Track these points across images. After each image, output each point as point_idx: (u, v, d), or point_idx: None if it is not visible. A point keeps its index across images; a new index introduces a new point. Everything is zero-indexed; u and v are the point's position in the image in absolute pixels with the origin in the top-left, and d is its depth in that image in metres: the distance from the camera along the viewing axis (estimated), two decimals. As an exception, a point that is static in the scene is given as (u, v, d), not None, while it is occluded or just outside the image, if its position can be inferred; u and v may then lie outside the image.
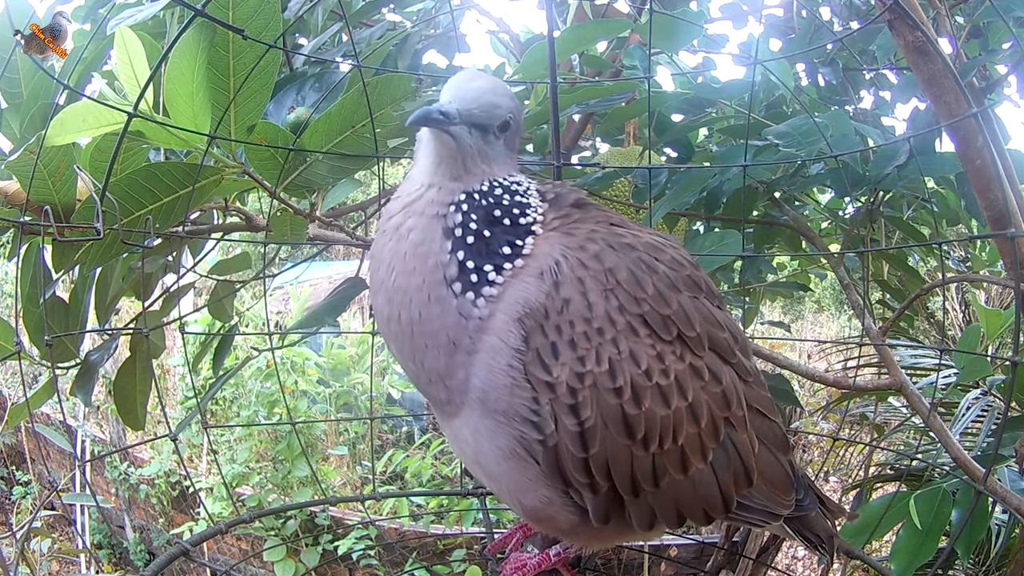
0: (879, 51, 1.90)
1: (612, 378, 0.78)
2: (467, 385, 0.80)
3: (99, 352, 1.52)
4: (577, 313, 0.78)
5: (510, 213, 0.82)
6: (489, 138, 0.84)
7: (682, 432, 0.81)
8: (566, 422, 0.78)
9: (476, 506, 3.76)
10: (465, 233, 0.80)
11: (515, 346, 0.77)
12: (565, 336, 0.77)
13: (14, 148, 1.43)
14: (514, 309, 0.78)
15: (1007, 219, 1.34)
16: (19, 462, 6.88)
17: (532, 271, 0.80)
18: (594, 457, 0.78)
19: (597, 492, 0.81)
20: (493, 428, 0.80)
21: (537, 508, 0.85)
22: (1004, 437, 1.47)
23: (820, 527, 1.01)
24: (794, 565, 5.08)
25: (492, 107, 0.82)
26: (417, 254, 0.80)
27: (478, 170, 0.83)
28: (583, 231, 0.84)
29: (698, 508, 0.86)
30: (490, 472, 0.85)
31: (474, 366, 0.79)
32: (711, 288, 0.91)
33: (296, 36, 1.96)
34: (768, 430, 0.93)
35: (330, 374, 5.60)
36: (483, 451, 0.83)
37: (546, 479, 0.81)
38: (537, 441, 0.79)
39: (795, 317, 8.81)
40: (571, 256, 0.80)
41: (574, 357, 0.77)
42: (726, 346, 0.88)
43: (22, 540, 1.89)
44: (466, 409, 0.82)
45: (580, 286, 0.79)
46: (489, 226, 0.81)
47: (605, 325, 0.78)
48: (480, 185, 0.83)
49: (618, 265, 0.81)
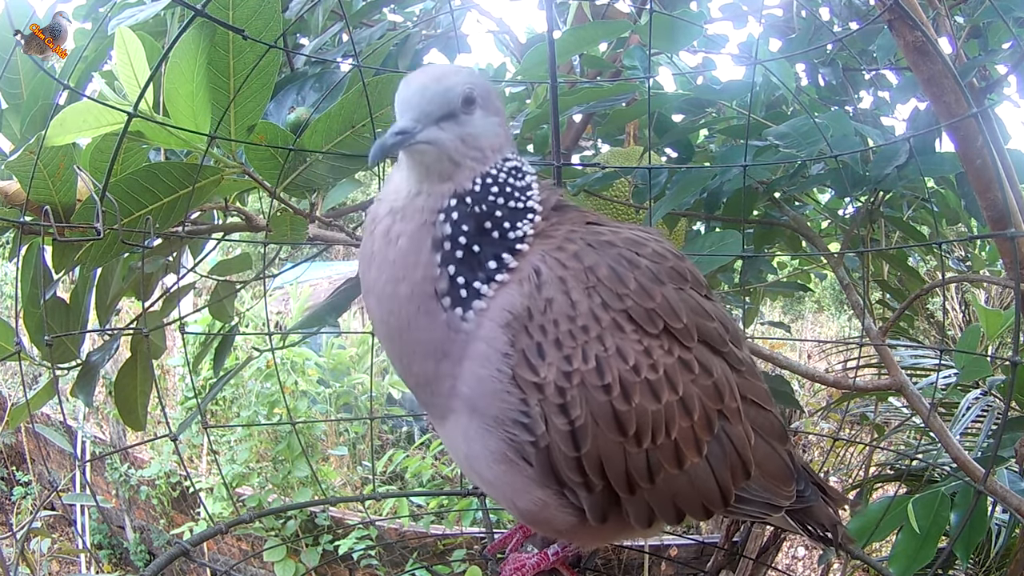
0: (879, 51, 1.90)
1: (600, 375, 0.78)
2: (455, 391, 0.80)
3: (100, 353, 1.52)
4: (560, 312, 0.78)
5: (500, 226, 0.80)
6: (463, 119, 0.79)
7: (674, 426, 0.81)
8: (556, 422, 0.77)
9: (476, 506, 3.76)
10: (454, 247, 0.78)
11: (502, 351, 0.77)
12: (550, 336, 0.77)
13: (14, 148, 1.43)
14: (500, 316, 0.78)
15: (1007, 219, 1.34)
16: (19, 462, 6.88)
17: (515, 278, 0.79)
18: (587, 455, 0.78)
19: (592, 491, 0.81)
20: (484, 432, 0.80)
21: (532, 511, 0.85)
22: (1004, 438, 1.47)
23: (824, 516, 1.00)
24: (794, 565, 5.08)
25: (443, 93, 0.78)
26: (406, 263, 0.78)
27: (468, 161, 0.80)
28: (561, 232, 0.84)
29: (696, 503, 0.86)
30: (483, 476, 0.85)
31: (462, 373, 0.79)
32: (697, 278, 0.90)
33: (296, 36, 1.96)
34: (764, 420, 0.93)
35: (330, 374, 5.60)
36: (475, 454, 0.83)
37: (540, 480, 0.81)
38: (529, 443, 0.79)
39: (795, 317, 8.81)
40: (550, 257, 0.80)
41: (560, 356, 0.77)
42: (716, 336, 0.87)
43: (22, 540, 1.89)
44: (455, 414, 0.82)
45: (562, 285, 0.78)
46: (479, 239, 0.79)
47: (589, 323, 0.78)
48: (472, 184, 0.80)
49: (598, 262, 0.81)
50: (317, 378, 5.51)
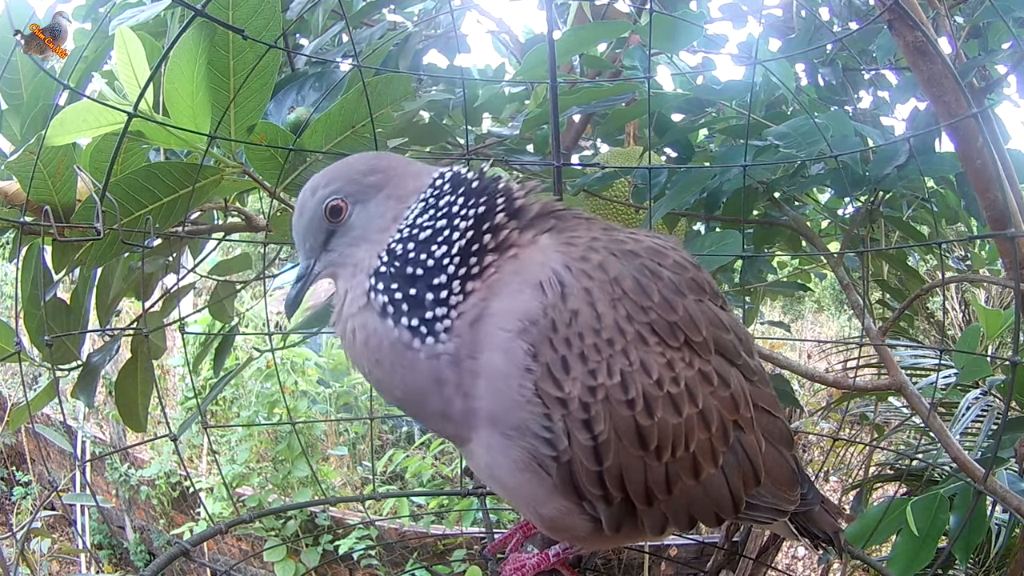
0: (879, 51, 1.90)
1: (624, 390, 0.77)
2: (470, 409, 0.80)
3: (101, 353, 1.52)
4: (586, 325, 0.77)
5: (423, 262, 0.81)
6: (341, 230, 0.86)
7: (694, 439, 0.81)
8: (579, 437, 0.77)
9: (476, 506, 3.76)
10: (395, 305, 0.80)
11: (524, 363, 0.76)
12: (575, 349, 0.76)
13: (14, 148, 1.43)
14: (512, 323, 0.77)
15: (1007, 219, 1.34)
16: (19, 462, 6.88)
17: (525, 282, 0.78)
18: (608, 470, 0.78)
19: (611, 503, 0.80)
20: (505, 443, 0.79)
21: (555, 518, 0.85)
22: (1004, 438, 1.47)
23: (825, 523, 1.01)
24: (794, 565, 5.08)
25: (308, 223, 0.86)
26: (371, 347, 0.82)
27: (362, 254, 0.84)
28: (583, 240, 0.83)
29: (709, 511, 0.86)
30: (505, 485, 0.85)
31: (476, 388, 0.78)
32: (714, 289, 0.90)
33: (296, 36, 1.96)
34: (773, 427, 0.93)
35: (330, 374, 5.60)
36: (497, 464, 0.82)
37: (560, 491, 0.81)
38: (550, 457, 0.78)
39: (795, 317, 8.81)
40: (575, 267, 0.79)
41: (585, 371, 0.76)
42: (732, 348, 0.87)
43: (22, 540, 1.89)
44: (476, 431, 0.82)
45: (587, 296, 0.78)
46: (412, 285, 0.80)
47: (615, 336, 0.77)
48: (379, 261, 0.83)
49: (623, 273, 0.80)
50: (317, 378, 5.51)
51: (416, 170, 0.89)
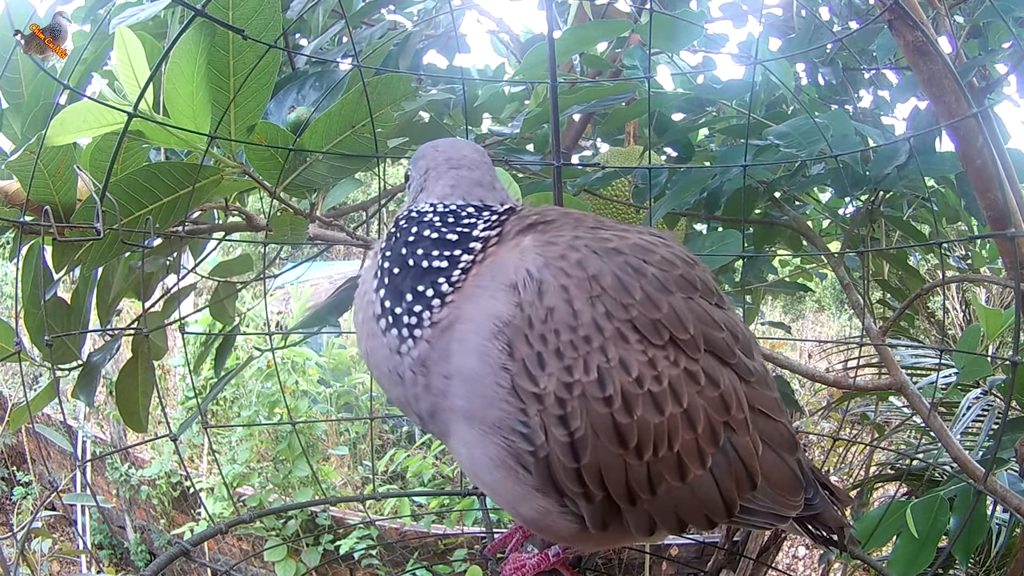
0: (879, 51, 1.90)
1: (601, 387, 0.76)
2: (444, 406, 0.81)
3: (101, 353, 1.52)
4: (562, 322, 0.77)
5: (413, 267, 0.85)
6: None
7: (677, 439, 0.80)
8: (556, 433, 0.76)
9: (477, 506, 3.76)
10: (388, 315, 0.84)
11: (500, 362, 0.76)
12: (551, 346, 0.76)
13: (15, 148, 1.43)
14: (486, 327, 0.77)
15: (1007, 219, 1.34)
16: (20, 462, 6.88)
17: (499, 285, 0.79)
18: (586, 467, 0.77)
19: (592, 501, 0.80)
20: (481, 439, 0.79)
21: (535, 517, 0.84)
22: (1004, 438, 1.47)
23: (831, 519, 0.99)
24: (794, 565, 5.08)
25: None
26: (370, 347, 0.86)
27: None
28: (565, 238, 0.82)
29: (699, 514, 0.85)
30: (484, 481, 0.85)
31: (451, 388, 0.79)
32: (708, 286, 0.88)
33: (296, 36, 1.96)
34: (773, 431, 0.91)
35: (331, 374, 5.60)
36: (475, 459, 0.82)
37: (540, 489, 0.81)
38: (527, 452, 0.78)
39: (795, 317, 8.81)
40: (553, 265, 0.79)
41: (561, 367, 0.76)
42: (724, 347, 0.85)
43: (22, 540, 1.89)
44: (454, 426, 0.82)
45: (564, 294, 0.77)
46: (397, 300, 0.83)
47: (592, 333, 0.77)
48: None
49: (603, 271, 0.80)
50: (318, 378, 5.51)
51: (476, 179, 0.94)
